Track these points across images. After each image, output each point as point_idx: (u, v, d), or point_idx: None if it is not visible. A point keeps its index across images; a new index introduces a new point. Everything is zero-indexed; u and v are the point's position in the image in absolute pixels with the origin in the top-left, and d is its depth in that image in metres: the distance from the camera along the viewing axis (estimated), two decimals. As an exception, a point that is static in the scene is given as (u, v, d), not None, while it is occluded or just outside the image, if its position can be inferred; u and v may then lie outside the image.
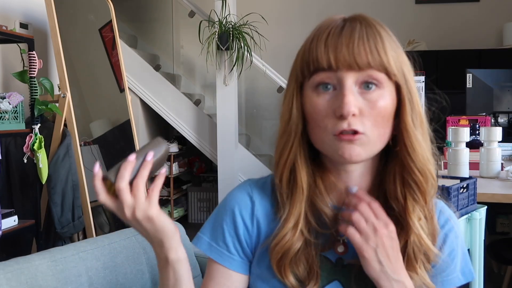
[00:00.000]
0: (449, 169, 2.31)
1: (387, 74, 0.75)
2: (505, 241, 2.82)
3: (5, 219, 2.26)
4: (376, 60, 0.74)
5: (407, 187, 0.79)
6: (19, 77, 2.51)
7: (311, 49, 0.77)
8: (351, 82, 0.74)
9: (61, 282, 1.08)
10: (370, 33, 0.75)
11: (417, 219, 0.78)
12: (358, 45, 0.74)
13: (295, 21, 5.60)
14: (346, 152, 0.75)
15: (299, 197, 0.81)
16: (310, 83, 0.77)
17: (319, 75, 0.76)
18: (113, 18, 3.24)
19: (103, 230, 2.81)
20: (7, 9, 2.73)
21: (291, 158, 0.81)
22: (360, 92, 0.75)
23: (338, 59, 0.74)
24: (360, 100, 0.75)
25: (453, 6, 5.54)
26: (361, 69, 0.74)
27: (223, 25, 4.06)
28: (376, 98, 0.75)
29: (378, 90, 0.75)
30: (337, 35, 0.75)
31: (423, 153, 0.78)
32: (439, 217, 0.85)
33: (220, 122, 4.27)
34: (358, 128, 0.74)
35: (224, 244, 0.84)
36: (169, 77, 4.81)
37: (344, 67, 0.74)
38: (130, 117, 3.27)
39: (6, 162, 2.58)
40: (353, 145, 0.75)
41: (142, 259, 1.26)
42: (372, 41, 0.75)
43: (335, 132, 0.75)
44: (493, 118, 3.27)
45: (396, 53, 0.77)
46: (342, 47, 0.74)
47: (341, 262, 0.82)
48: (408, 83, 0.78)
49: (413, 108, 0.78)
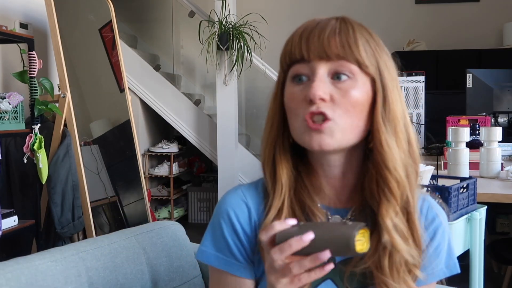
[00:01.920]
0: (449, 169, 2.31)
1: (359, 66, 0.77)
2: (505, 241, 2.82)
3: (5, 219, 2.26)
4: (346, 51, 0.76)
5: (380, 187, 0.79)
6: (19, 77, 2.51)
7: (287, 43, 0.80)
8: (323, 72, 0.76)
9: (61, 282, 1.08)
10: (344, 27, 0.77)
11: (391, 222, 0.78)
12: (329, 37, 0.76)
13: (295, 21, 5.56)
14: (315, 141, 0.77)
15: (279, 190, 0.82)
16: (289, 76, 0.80)
17: (295, 67, 0.79)
18: (113, 18, 3.24)
19: (103, 230, 2.81)
20: (7, 9, 2.73)
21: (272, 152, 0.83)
22: (332, 82, 0.77)
23: (310, 49, 0.77)
24: (332, 88, 0.76)
25: (453, 6, 5.55)
26: (331, 59, 0.76)
27: (223, 25, 4.06)
28: (347, 87, 0.76)
29: (350, 81, 0.77)
30: (311, 29, 0.78)
31: (395, 150, 0.78)
32: (427, 213, 0.86)
33: (220, 122, 4.27)
34: (327, 112, 0.75)
35: (231, 254, 0.84)
36: (169, 77, 4.81)
37: (315, 57, 0.76)
38: (130, 117, 3.27)
39: (6, 162, 2.58)
40: (321, 134, 0.76)
41: (142, 259, 1.26)
42: (344, 34, 0.77)
43: (305, 116, 0.76)
44: (493, 118, 3.27)
45: (373, 50, 0.78)
46: (314, 38, 0.77)
47: (333, 261, 0.82)
48: (384, 79, 0.78)
49: (385, 105, 0.78)
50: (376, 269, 0.79)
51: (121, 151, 3.25)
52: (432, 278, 0.86)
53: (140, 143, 4.27)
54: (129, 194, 3.22)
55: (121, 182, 3.14)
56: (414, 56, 5.03)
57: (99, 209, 2.85)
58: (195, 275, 1.38)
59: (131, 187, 3.25)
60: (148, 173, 4.76)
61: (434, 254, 0.85)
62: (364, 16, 5.44)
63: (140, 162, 3.34)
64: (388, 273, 0.78)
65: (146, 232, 1.34)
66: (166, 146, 4.80)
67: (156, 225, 1.40)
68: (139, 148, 3.36)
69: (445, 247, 0.87)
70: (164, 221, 1.45)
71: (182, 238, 1.40)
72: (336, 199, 0.85)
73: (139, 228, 1.36)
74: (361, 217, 0.83)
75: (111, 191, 2.98)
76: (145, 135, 4.81)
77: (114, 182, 3.03)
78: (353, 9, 5.47)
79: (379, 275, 0.79)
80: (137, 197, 3.26)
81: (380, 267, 0.79)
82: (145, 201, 3.29)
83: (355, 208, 0.84)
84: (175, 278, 1.31)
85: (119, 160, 3.20)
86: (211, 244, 0.86)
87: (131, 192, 3.24)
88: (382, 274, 0.78)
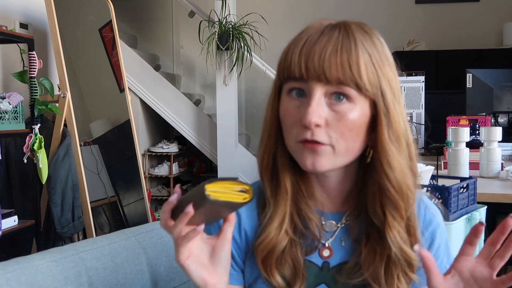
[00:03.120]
0: (449, 169, 2.31)
1: (359, 89, 0.73)
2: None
3: (5, 219, 2.26)
4: (346, 74, 0.72)
5: (385, 205, 0.78)
6: (19, 77, 2.51)
7: (287, 56, 0.77)
8: (320, 94, 0.74)
9: (61, 282, 1.08)
10: (346, 44, 0.73)
11: (397, 234, 0.78)
12: (330, 58, 0.72)
13: (295, 21, 5.60)
14: (308, 162, 0.75)
15: (284, 197, 0.81)
16: (285, 87, 0.78)
17: (291, 83, 0.76)
18: (113, 18, 3.24)
19: (103, 230, 2.81)
20: (7, 9, 2.73)
21: (268, 156, 0.82)
22: (329, 104, 0.74)
23: (309, 70, 0.73)
24: (327, 112, 0.74)
25: (453, 6, 5.55)
26: (330, 82, 0.73)
27: (223, 25, 4.06)
28: (344, 111, 0.74)
29: (348, 104, 0.74)
30: (312, 44, 0.74)
31: (399, 169, 0.77)
32: (425, 214, 0.86)
33: (220, 122, 4.27)
34: (321, 140, 0.74)
35: None
36: (169, 77, 4.81)
37: (314, 79, 0.73)
38: (130, 117, 3.27)
39: (6, 162, 2.58)
40: (316, 155, 0.75)
41: (142, 259, 1.26)
42: (346, 53, 0.72)
43: (299, 140, 0.75)
44: (493, 118, 3.27)
45: (375, 67, 0.74)
46: (314, 58, 0.73)
47: (327, 266, 0.83)
48: (386, 98, 0.75)
49: (389, 124, 0.76)
50: (373, 281, 0.79)
51: (121, 151, 3.25)
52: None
53: (140, 143, 4.27)
54: (129, 194, 3.22)
55: (121, 182, 3.14)
56: (414, 56, 5.03)
57: (99, 209, 2.85)
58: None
59: (131, 187, 3.25)
60: (148, 173, 4.76)
61: (435, 256, 0.85)
62: (364, 16, 5.45)
63: (140, 162, 3.34)
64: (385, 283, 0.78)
65: (146, 232, 1.34)
66: (166, 146, 4.80)
67: (156, 225, 1.40)
68: (139, 148, 3.37)
69: (443, 249, 0.87)
70: (164, 221, 1.45)
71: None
72: (331, 204, 0.85)
73: (139, 228, 1.36)
74: (357, 221, 0.83)
75: (111, 191, 2.98)
76: (145, 135, 4.81)
77: (114, 182, 3.03)
78: (353, 9, 5.47)
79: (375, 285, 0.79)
80: (137, 197, 3.26)
81: (377, 278, 0.79)
82: (145, 201, 3.29)
83: (350, 213, 0.84)
84: (175, 278, 1.31)
85: (119, 160, 3.20)
86: None
87: (131, 192, 3.24)
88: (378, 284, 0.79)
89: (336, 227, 0.84)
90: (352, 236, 0.83)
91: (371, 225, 0.80)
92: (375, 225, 0.80)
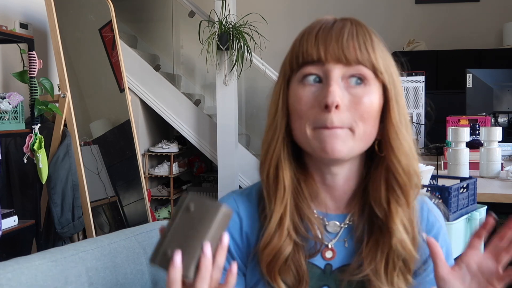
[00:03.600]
0: (449, 169, 2.31)
1: (374, 71, 0.76)
2: None
3: (5, 219, 2.26)
4: (364, 56, 0.74)
5: (391, 191, 0.79)
6: (19, 77, 2.51)
7: (301, 42, 0.77)
8: (337, 75, 0.74)
9: (61, 282, 1.08)
10: (360, 31, 0.76)
11: (400, 222, 0.78)
12: (348, 40, 0.74)
13: (295, 21, 5.60)
14: (328, 146, 0.74)
15: (281, 195, 0.80)
16: (297, 76, 0.77)
17: (307, 68, 0.76)
18: (113, 18, 3.24)
19: (103, 230, 2.81)
20: (7, 9, 2.73)
21: (277, 154, 0.80)
22: (346, 87, 0.75)
23: (328, 51, 0.74)
24: (346, 95, 0.75)
25: (453, 6, 5.55)
26: (349, 63, 0.74)
27: (223, 25, 4.06)
28: (361, 94, 0.75)
29: (364, 86, 0.75)
30: (328, 30, 0.76)
31: (409, 151, 0.78)
32: (428, 217, 0.86)
33: (220, 122, 4.27)
34: (341, 124, 0.74)
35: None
36: (169, 77, 4.81)
37: (332, 60, 0.74)
38: (130, 117, 3.27)
39: (6, 162, 2.58)
40: (335, 139, 0.74)
41: (142, 259, 1.26)
42: (362, 38, 0.75)
43: (317, 125, 0.75)
44: (493, 118, 3.27)
45: (384, 54, 0.77)
46: (332, 40, 0.74)
47: (330, 268, 0.82)
48: (395, 84, 0.78)
49: (399, 108, 0.78)
50: (374, 276, 0.79)
51: (121, 151, 3.25)
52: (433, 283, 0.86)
53: (140, 143, 4.27)
54: (129, 194, 3.22)
55: (121, 182, 3.14)
56: (414, 56, 5.02)
57: (99, 209, 2.85)
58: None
59: (131, 187, 3.25)
60: (148, 173, 4.76)
61: None
62: (364, 16, 5.44)
63: (140, 162, 3.34)
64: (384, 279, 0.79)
65: (146, 232, 1.34)
66: (166, 146, 4.80)
67: (156, 225, 1.40)
68: (139, 148, 3.37)
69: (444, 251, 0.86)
70: (164, 221, 1.45)
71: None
72: (334, 205, 0.84)
73: (139, 228, 1.36)
74: (361, 220, 0.83)
75: (111, 191, 2.98)
76: (145, 135, 4.81)
77: (114, 182, 3.03)
78: (353, 9, 5.47)
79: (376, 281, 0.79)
80: (137, 197, 3.26)
81: (378, 273, 0.79)
82: (145, 201, 3.29)
83: (353, 213, 0.83)
84: (175, 278, 1.31)
85: (119, 160, 3.20)
86: None
87: (131, 192, 3.24)
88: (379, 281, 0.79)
89: (340, 227, 0.83)
90: (355, 235, 0.83)
91: (375, 218, 0.80)
92: (378, 219, 0.80)
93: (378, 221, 0.80)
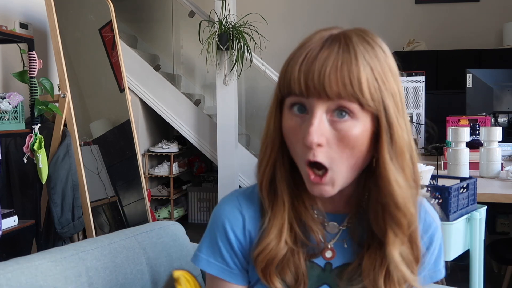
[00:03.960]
0: (449, 169, 2.31)
1: (361, 105, 0.71)
2: (505, 241, 2.82)
3: (5, 219, 2.26)
4: (347, 90, 0.70)
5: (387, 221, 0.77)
6: (19, 77, 2.51)
7: (287, 72, 0.75)
8: (321, 111, 0.72)
9: (61, 282, 1.08)
10: (346, 58, 0.71)
11: (397, 252, 0.77)
12: (330, 74, 0.70)
13: (295, 21, 5.60)
14: (316, 192, 0.76)
15: (280, 209, 0.80)
16: (287, 102, 0.77)
17: (292, 97, 0.75)
18: (113, 18, 3.24)
19: (103, 230, 2.81)
20: (7, 9, 2.73)
21: (270, 169, 0.81)
22: (330, 121, 0.73)
23: (308, 87, 0.71)
24: (328, 131, 0.72)
25: (453, 6, 5.54)
26: (331, 98, 0.71)
27: (223, 25, 4.06)
28: (346, 129, 0.72)
29: (351, 120, 0.72)
30: (312, 61, 0.72)
31: (402, 187, 0.75)
32: (425, 218, 0.87)
33: (220, 122, 4.27)
34: (323, 161, 0.73)
35: (223, 260, 0.85)
36: (169, 77, 4.81)
37: (314, 96, 0.72)
38: (130, 117, 3.27)
39: (6, 162, 2.58)
40: (322, 186, 0.75)
41: (142, 259, 1.26)
42: (346, 68, 0.70)
43: (304, 161, 0.74)
44: (493, 118, 3.27)
45: (377, 80, 0.72)
46: (314, 75, 0.71)
47: (330, 266, 0.83)
48: (388, 113, 0.73)
49: (392, 140, 0.74)
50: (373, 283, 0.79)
51: (121, 151, 3.25)
52: (429, 280, 0.88)
53: (140, 143, 4.27)
54: (129, 194, 3.22)
55: (121, 182, 3.14)
56: (414, 56, 5.03)
57: (99, 209, 2.85)
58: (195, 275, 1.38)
59: (131, 187, 3.25)
60: (148, 173, 4.77)
61: (430, 258, 0.87)
62: (364, 16, 5.46)
63: (140, 162, 3.34)
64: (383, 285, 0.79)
65: (146, 232, 1.34)
66: (166, 146, 4.80)
67: (156, 225, 1.40)
68: (139, 148, 3.37)
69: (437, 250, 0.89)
70: (164, 221, 1.45)
71: (182, 238, 1.40)
72: (332, 205, 0.84)
73: (139, 228, 1.36)
74: (359, 225, 0.83)
75: (111, 191, 2.98)
76: (145, 135, 4.81)
77: (114, 182, 3.03)
78: (353, 9, 5.47)
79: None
80: (137, 197, 3.26)
81: (377, 285, 0.79)
82: (145, 201, 3.29)
83: (351, 215, 0.84)
84: (175, 278, 1.31)
85: (119, 160, 3.20)
86: (205, 250, 0.86)
87: (131, 192, 3.24)
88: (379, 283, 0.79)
89: (339, 229, 0.84)
90: (354, 239, 0.83)
91: (373, 233, 0.80)
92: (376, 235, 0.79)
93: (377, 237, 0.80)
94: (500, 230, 4.04)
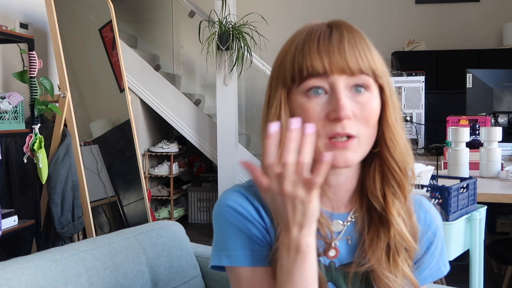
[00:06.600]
0: (449, 169, 2.31)
1: (375, 77, 0.78)
2: (505, 241, 2.82)
3: (5, 219, 2.26)
4: (366, 64, 0.77)
5: (387, 184, 0.81)
6: (19, 77, 2.51)
7: (304, 54, 0.77)
8: (343, 86, 0.76)
9: (61, 282, 1.08)
10: (357, 38, 0.78)
11: (397, 213, 0.81)
12: (349, 50, 0.76)
13: (295, 21, 5.58)
14: (340, 160, 0.76)
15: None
16: (300, 88, 0.77)
17: (311, 81, 0.76)
18: (113, 18, 3.24)
19: (103, 230, 2.81)
20: (7, 9, 2.73)
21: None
22: (350, 96, 0.77)
23: (332, 63, 0.75)
24: (352, 103, 0.76)
25: (453, 6, 5.54)
26: (352, 73, 0.76)
27: (223, 25, 4.06)
28: (366, 101, 0.77)
29: (368, 93, 0.78)
30: (328, 40, 0.77)
31: (403, 148, 0.81)
32: (425, 217, 0.88)
33: (220, 122, 4.27)
34: (352, 132, 0.75)
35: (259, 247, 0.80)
36: (169, 77, 4.81)
37: (337, 72, 0.76)
38: (130, 117, 3.27)
39: (6, 162, 2.58)
40: (346, 152, 0.76)
41: (142, 259, 1.26)
42: (360, 46, 0.77)
43: (329, 135, 0.75)
44: (493, 118, 3.27)
45: (378, 56, 0.80)
46: (335, 52, 0.76)
47: (333, 265, 0.84)
48: (390, 85, 0.81)
49: (394, 108, 0.81)
50: (378, 265, 0.81)
51: (121, 151, 3.25)
52: (430, 278, 0.89)
53: (140, 143, 4.27)
54: (129, 194, 3.22)
55: (121, 182, 3.14)
56: (414, 56, 5.03)
57: (99, 209, 2.85)
58: (195, 275, 1.38)
59: (131, 187, 3.25)
60: (148, 173, 4.77)
61: (431, 258, 0.88)
62: (364, 16, 5.46)
63: (140, 162, 3.34)
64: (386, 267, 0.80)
65: (146, 232, 1.34)
66: (166, 146, 4.81)
67: (156, 225, 1.40)
68: (139, 148, 3.37)
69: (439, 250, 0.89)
70: (164, 221, 1.45)
71: (182, 238, 1.40)
72: (338, 203, 0.85)
73: (139, 228, 1.36)
74: (362, 216, 0.84)
75: (111, 191, 2.98)
76: (145, 135, 4.81)
77: (114, 182, 3.03)
78: (353, 9, 5.47)
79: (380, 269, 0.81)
80: (137, 197, 3.27)
81: (381, 262, 0.81)
82: (145, 201, 3.30)
83: (355, 210, 0.85)
84: (175, 278, 1.32)
85: (119, 160, 3.20)
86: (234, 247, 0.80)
87: (131, 192, 3.25)
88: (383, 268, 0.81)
89: (343, 226, 0.85)
90: (357, 230, 0.84)
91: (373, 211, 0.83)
92: (376, 211, 0.82)
93: (377, 213, 0.82)
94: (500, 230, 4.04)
